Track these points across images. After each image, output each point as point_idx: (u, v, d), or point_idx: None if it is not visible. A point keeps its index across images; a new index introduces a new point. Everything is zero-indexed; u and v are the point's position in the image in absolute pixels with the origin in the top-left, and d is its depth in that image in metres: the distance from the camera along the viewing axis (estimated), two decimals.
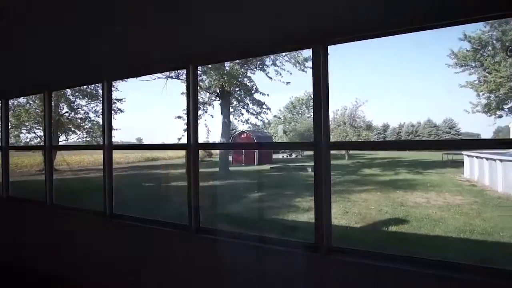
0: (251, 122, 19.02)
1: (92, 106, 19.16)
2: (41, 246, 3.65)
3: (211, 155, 24.56)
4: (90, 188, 12.52)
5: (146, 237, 2.81)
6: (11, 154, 4.40)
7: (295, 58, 16.55)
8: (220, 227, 2.65)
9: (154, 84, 42.25)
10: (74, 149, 8.99)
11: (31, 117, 17.56)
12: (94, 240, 3.18)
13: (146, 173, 17.67)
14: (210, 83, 16.05)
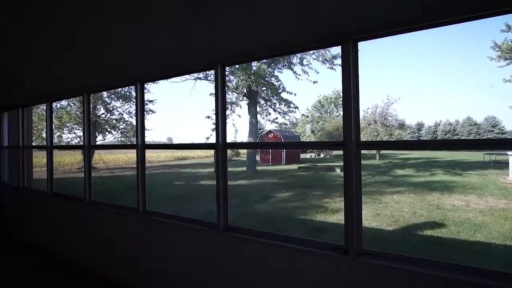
0: (278, 122, 18.99)
1: (126, 107, 20.14)
2: (80, 239, 3.90)
3: (238, 154, 24.83)
4: (125, 185, 13.12)
5: (175, 234, 2.89)
6: (54, 153, 4.72)
7: (323, 56, 16.26)
8: (248, 226, 2.67)
9: (183, 85, 43.45)
10: (110, 148, 9.60)
11: (71, 118, 18.78)
12: (127, 235, 3.33)
13: (176, 172, 18.22)
14: (237, 83, 16.22)
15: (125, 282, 3.32)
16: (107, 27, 2.51)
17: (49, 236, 4.48)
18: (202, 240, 2.70)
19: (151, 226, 3.11)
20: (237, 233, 2.50)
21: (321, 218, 7.23)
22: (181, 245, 2.86)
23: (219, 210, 2.59)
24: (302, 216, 7.64)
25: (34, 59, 3.49)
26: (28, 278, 3.55)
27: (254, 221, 7.22)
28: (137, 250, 3.23)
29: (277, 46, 2.27)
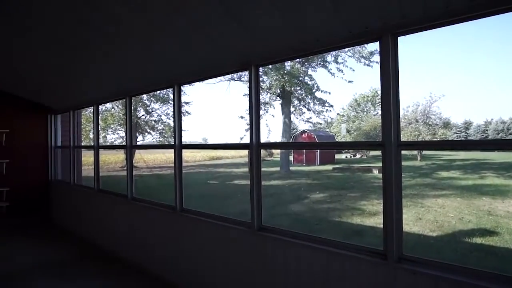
0: (312, 121, 18.70)
1: (164, 109, 21.06)
2: (122, 233, 4.15)
3: (272, 154, 24.83)
4: (162, 183, 13.68)
5: (210, 232, 2.96)
6: (100, 152, 5.08)
7: (359, 53, 15.72)
8: (281, 226, 2.66)
9: (218, 86, 44.38)
10: (150, 148, 10.18)
11: (115, 120, 20.04)
12: (165, 231, 3.48)
13: (210, 171, 18.67)
14: (271, 83, 16.23)
15: (162, 275, 3.47)
16: (146, 34, 2.64)
17: (94, 228, 4.82)
18: (236, 239, 2.74)
19: (187, 223, 3.22)
20: (271, 233, 2.50)
21: (358, 221, 6.99)
22: (215, 243, 2.92)
23: (253, 209, 2.61)
24: (337, 218, 7.44)
25: (81, 66, 3.78)
26: (79, 265, 3.85)
27: (288, 221, 7.17)
28: (174, 246, 3.36)
29: (312, 45, 2.23)
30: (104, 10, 2.42)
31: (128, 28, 2.62)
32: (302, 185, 12.28)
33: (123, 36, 2.78)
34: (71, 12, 2.58)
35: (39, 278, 3.56)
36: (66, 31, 2.96)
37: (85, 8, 2.46)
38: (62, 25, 2.84)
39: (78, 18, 2.64)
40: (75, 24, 2.77)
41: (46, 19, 2.81)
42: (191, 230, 3.18)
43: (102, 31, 2.78)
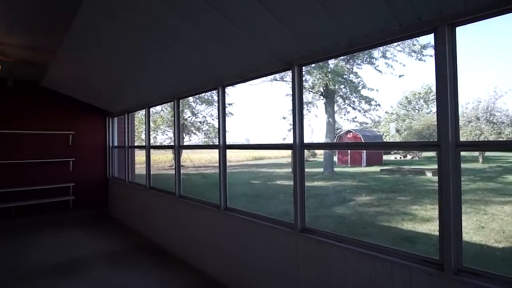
0: (358, 121, 17.94)
1: (208, 111, 21.85)
2: (170, 228, 4.38)
3: (315, 155, 24.34)
4: (207, 182, 14.13)
5: (253, 231, 2.99)
6: (151, 152, 5.42)
7: (409, 47, 14.71)
8: (325, 228, 2.59)
9: (260, 87, 44.77)
10: (196, 148, 10.63)
11: (164, 121, 21.27)
12: (209, 228, 3.59)
13: (253, 171, 18.87)
14: (313, 82, 15.91)
15: (205, 270, 3.59)
16: (194, 39, 2.76)
17: (145, 223, 5.16)
18: (279, 239, 2.73)
19: (230, 222, 3.29)
20: (315, 235, 2.45)
21: (409, 226, 6.54)
22: (258, 242, 2.94)
23: (296, 210, 2.58)
24: (385, 223, 7.04)
25: (135, 73, 4.07)
26: (132, 255, 4.16)
27: (332, 224, 6.97)
28: (217, 243, 3.46)
29: (359, 41, 2.14)
30: (159, 21, 2.58)
31: (177, 35, 2.76)
32: (347, 187, 11.83)
33: (172, 42, 2.94)
34: (128, 26, 2.79)
35: (99, 264, 3.92)
36: (123, 43, 3.22)
37: (142, 19, 2.64)
38: (120, 37, 3.09)
39: (134, 29, 2.85)
40: (132, 36, 2.99)
41: (108, 35, 3.08)
42: (234, 228, 3.25)
43: (154, 39, 2.97)
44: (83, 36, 3.35)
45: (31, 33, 3.56)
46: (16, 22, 3.24)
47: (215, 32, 2.55)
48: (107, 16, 2.77)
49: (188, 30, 2.64)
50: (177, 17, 2.48)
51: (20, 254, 4.34)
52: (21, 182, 5.73)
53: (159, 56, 3.35)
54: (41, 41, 3.77)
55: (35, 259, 4.16)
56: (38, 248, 4.59)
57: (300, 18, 2.11)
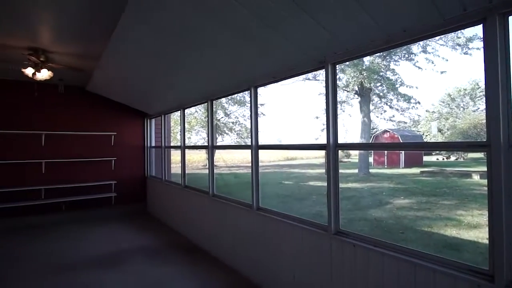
0: (395, 120, 17.12)
1: (241, 111, 22.12)
2: (204, 226, 4.48)
3: (349, 155, 23.60)
4: (239, 181, 14.28)
5: (286, 232, 2.97)
6: (185, 152, 5.60)
7: (453, 40, 13.75)
8: (360, 232, 2.50)
9: (292, 87, 44.48)
10: (228, 148, 10.92)
11: (198, 122, 21.90)
12: (242, 228, 3.63)
13: (285, 171, 18.77)
14: (348, 80, 15.45)
15: (238, 269, 3.63)
16: (225, 40, 2.80)
17: (180, 220, 5.34)
18: (311, 241, 2.68)
19: (263, 222, 3.29)
20: (350, 238, 2.37)
21: (453, 233, 6.10)
22: (290, 243, 2.91)
23: (329, 212, 2.52)
24: (426, 228, 6.63)
25: (172, 76, 4.23)
26: (168, 252, 4.33)
27: (367, 227, 6.71)
28: (250, 243, 3.48)
29: (397, 37, 2.04)
30: (193, 25, 2.66)
31: (210, 38, 2.83)
32: (384, 189, 11.33)
33: (206, 45, 3.01)
34: (165, 31, 2.91)
35: (138, 259, 4.13)
36: (161, 48, 3.36)
37: (177, 25, 2.74)
38: (157, 43, 3.23)
39: (170, 34, 2.97)
40: (168, 41, 3.12)
41: (146, 41, 3.24)
42: (266, 228, 3.25)
43: (189, 43, 3.07)
44: (124, 43, 3.55)
45: (78, 42, 3.85)
46: (65, 32, 3.52)
47: (247, 33, 2.57)
48: (146, 23, 2.90)
49: (221, 33, 2.69)
50: (210, 21, 2.54)
51: (67, 246, 4.71)
52: (69, 179, 6.21)
53: (193, 59, 3.45)
54: (87, 48, 4.06)
55: (81, 251, 4.48)
56: (84, 241, 4.95)
57: (333, 15, 2.05)
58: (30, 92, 5.70)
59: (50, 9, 2.93)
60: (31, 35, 3.57)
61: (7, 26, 3.29)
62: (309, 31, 2.29)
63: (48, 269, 3.84)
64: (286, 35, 2.43)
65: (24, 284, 3.46)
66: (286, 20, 2.24)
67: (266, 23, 2.33)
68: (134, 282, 3.49)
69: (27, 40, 3.73)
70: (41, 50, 4.04)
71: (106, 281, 3.50)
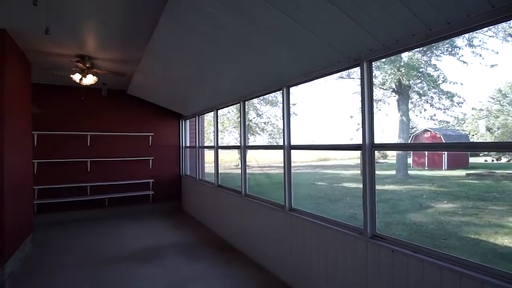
0: (437, 119, 16.08)
1: (273, 111, 22.11)
2: (236, 225, 4.54)
3: (386, 156, 22.59)
4: (271, 181, 14.28)
5: (319, 233, 2.91)
6: (218, 152, 5.71)
7: (504, 31, 12.61)
8: (398, 236, 2.38)
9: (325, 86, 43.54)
10: (261, 148, 11.07)
11: (230, 123, 22.24)
12: (274, 228, 3.61)
13: (318, 172, 18.43)
14: (384, 78, 14.79)
15: (270, 269, 3.62)
16: (256, 40, 2.81)
17: (213, 218, 5.45)
18: (346, 244, 2.60)
19: (295, 223, 3.26)
20: (387, 242, 2.26)
21: (505, 241, 5.59)
22: (323, 245, 2.85)
23: (365, 215, 2.42)
24: (473, 235, 6.15)
25: (205, 78, 4.34)
26: (201, 249, 4.45)
27: (406, 232, 6.38)
28: (282, 243, 3.46)
29: (440, 30, 1.91)
30: (225, 27, 2.71)
31: (242, 39, 2.86)
32: (424, 192, 10.69)
33: (238, 47, 3.05)
34: (199, 34, 2.99)
35: (172, 254, 4.28)
36: (194, 51, 3.46)
37: (210, 27, 2.81)
38: (191, 46, 3.33)
39: (204, 37, 3.05)
40: (202, 43, 3.20)
41: (181, 45, 3.36)
42: (298, 229, 3.21)
43: (221, 45, 3.12)
44: (161, 47, 3.71)
45: (120, 48, 4.08)
46: (107, 40, 3.76)
47: (279, 33, 2.56)
48: (181, 27, 3.01)
49: (253, 34, 2.71)
50: (242, 23, 2.57)
51: (109, 240, 5.02)
52: (112, 177, 6.62)
53: (226, 61, 3.51)
54: (128, 54, 4.29)
55: (121, 245, 4.75)
56: (124, 236, 5.24)
57: (369, 10, 1.97)
58: (77, 96, 6.17)
59: (95, 18, 3.14)
60: (78, 43, 3.85)
61: (59, 36, 3.59)
62: (342, 28, 2.22)
63: (93, 260, 4.13)
64: (318, 33, 2.38)
65: (73, 272, 3.74)
66: (318, 17, 2.19)
67: (297, 21, 2.31)
68: (169, 276, 3.63)
69: (75, 48, 4.04)
70: (87, 57, 4.35)
71: (144, 274, 3.68)
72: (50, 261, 4.14)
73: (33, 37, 3.63)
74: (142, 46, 3.91)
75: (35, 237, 4.91)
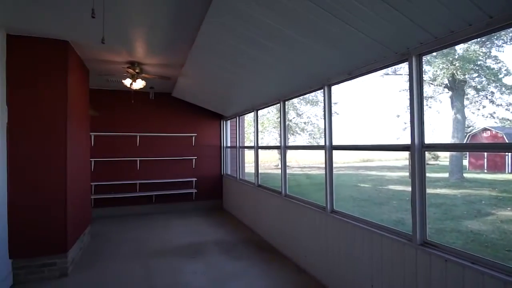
0: (498, 117, 14.50)
1: (313, 111, 21.72)
2: (275, 225, 4.52)
3: (437, 158, 20.96)
4: (312, 182, 14.04)
5: (363, 238, 2.79)
6: (258, 152, 5.74)
7: None
8: (452, 245, 2.18)
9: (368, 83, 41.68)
10: (301, 149, 10.86)
11: (270, 123, 22.30)
12: (314, 230, 3.54)
13: (361, 174, 17.71)
14: (435, 73, 13.71)
15: (309, 271, 3.54)
16: (297, 39, 2.77)
17: (253, 218, 5.50)
18: (392, 250, 2.45)
19: (337, 225, 3.16)
20: (439, 251, 2.09)
21: None
22: (369, 250, 2.72)
23: (414, 220, 2.27)
24: None
25: (246, 79, 4.40)
26: (242, 247, 4.51)
27: (460, 240, 5.86)
28: (322, 245, 3.37)
29: (501, 18, 1.71)
30: (265, 27, 2.72)
31: (281, 38, 2.84)
32: (483, 198, 9.72)
33: (278, 46, 3.04)
34: (238, 36, 3.04)
35: (214, 251, 4.41)
36: (235, 52, 3.52)
37: (249, 28, 2.84)
38: (231, 47, 3.40)
39: (243, 38, 3.09)
40: (242, 45, 3.25)
41: (221, 47, 3.45)
42: (341, 232, 3.10)
43: (262, 45, 3.14)
44: (203, 50, 3.83)
45: (165, 53, 4.31)
46: (155, 45, 3.98)
47: (319, 29, 2.50)
48: (221, 31, 3.08)
49: (292, 32, 2.67)
50: (281, 21, 2.55)
51: (156, 234, 5.31)
52: (158, 175, 7.02)
53: (266, 61, 3.52)
54: (173, 58, 4.51)
55: (166, 240, 5.01)
56: (169, 231, 5.52)
57: (418, 1, 1.84)
58: (127, 100, 6.64)
59: (144, 26, 3.35)
60: (129, 50, 4.14)
61: (112, 45, 3.89)
62: (388, 22, 2.10)
63: (143, 252, 4.42)
64: (362, 28, 2.28)
65: (125, 262, 4.03)
66: (361, 11, 2.10)
67: (338, 16, 2.23)
68: (211, 272, 3.74)
69: (126, 55, 4.34)
70: (137, 63, 4.66)
71: (188, 269, 3.83)
72: (105, 251, 4.51)
73: (90, 47, 3.98)
74: (185, 51, 4.08)
75: (92, 229, 5.38)
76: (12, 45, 3.48)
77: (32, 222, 3.51)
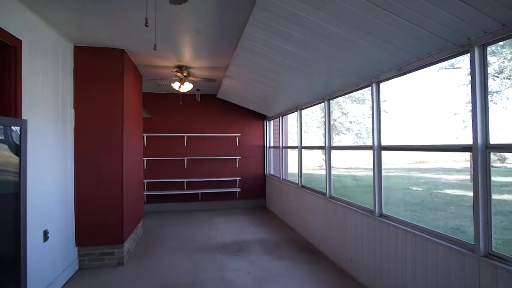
0: None
1: (359, 110, 20.82)
2: (319, 227, 4.41)
3: (504, 159, 18.71)
4: (358, 184, 13.47)
5: (414, 245, 2.59)
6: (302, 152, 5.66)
7: None
8: None
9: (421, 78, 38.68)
10: (347, 149, 10.42)
11: (314, 123, 21.88)
12: (361, 234, 3.38)
13: (412, 176, 16.51)
14: (501, 65, 12.25)
15: (355, 276, 3.39)
16: (341, 35, 2.67)
17: (296, 219, 5.43)
18: (450, 261, 2.25)
19: (386, 230, 2.98)
20: (508, 264, 1.86)
21: None
22: (421, 260, 2.52)
23: (477, 228, 2.05)
24: None
25: (287, 78, 4.36)
26: (285, 247, 4.49)
27: None
28: (369, 250, 3.21)
29: None
30: (310, 26, 2.67)
31: (325, 35, 2.76)
32: None
33: (323, 45, 2.97)
34: (282, 37, 3.03)
35: (257, 250, 4.44)
36: (278, 52, 3.52)
37: (293, 27, 2.81)
38: (275, 48, 3.40)
39: (287, 38, 3.07)
40: (286, 44, 3.23)
41: (264, 49, 3.47)
42: (390, 238, 2.92)
43: (306, 44, 3.09)
44: (246, 51, 3.89)
45: (211, 57, 4.46)
46: (201, 49, 4.14)
47: (366, 23, 2.38)
48: (264, 32, 3.09)
49: (337, 28, 2.59)
50: (325, 18, 2.48)
51: (202, 230, 5.52)
52: (204, 174, 7.30)
53: (311, 60, 3.45)
54: (218, 61, 4.65)
55: (213, 235, 5.18)
56: (215, 227, 5.70)
57: None
58: (176, 102, 7.00)
59: (190, 31, 3.50)
60: (177, 55, 4.36)
61: (162, 50, 4.13)
62: (445, 10, 1.92)
63: (190, 247, 4.64)
64: (413, 18, 2.12)
65: (174, 255, 4.26)
66: (413, 1, 1.95)
67: (385, 7, 2.10)
68: (255, 270, 3.78)
69: (175, 60, 4.58)
70: (184, 66, 4.89)
71: (233, 265, 3.92)
72: (156, 244, 4.81)
73: (143, 53, 4.28)
74: (230, 53, 4.18)
75: (143, 223, 5.77)
76: (76, 55, 3.87)
77: (94, 215, 3.88)
